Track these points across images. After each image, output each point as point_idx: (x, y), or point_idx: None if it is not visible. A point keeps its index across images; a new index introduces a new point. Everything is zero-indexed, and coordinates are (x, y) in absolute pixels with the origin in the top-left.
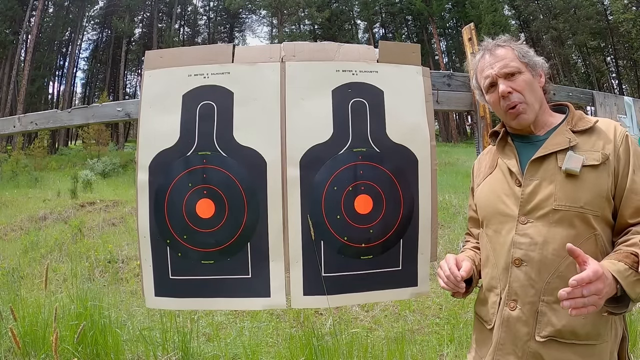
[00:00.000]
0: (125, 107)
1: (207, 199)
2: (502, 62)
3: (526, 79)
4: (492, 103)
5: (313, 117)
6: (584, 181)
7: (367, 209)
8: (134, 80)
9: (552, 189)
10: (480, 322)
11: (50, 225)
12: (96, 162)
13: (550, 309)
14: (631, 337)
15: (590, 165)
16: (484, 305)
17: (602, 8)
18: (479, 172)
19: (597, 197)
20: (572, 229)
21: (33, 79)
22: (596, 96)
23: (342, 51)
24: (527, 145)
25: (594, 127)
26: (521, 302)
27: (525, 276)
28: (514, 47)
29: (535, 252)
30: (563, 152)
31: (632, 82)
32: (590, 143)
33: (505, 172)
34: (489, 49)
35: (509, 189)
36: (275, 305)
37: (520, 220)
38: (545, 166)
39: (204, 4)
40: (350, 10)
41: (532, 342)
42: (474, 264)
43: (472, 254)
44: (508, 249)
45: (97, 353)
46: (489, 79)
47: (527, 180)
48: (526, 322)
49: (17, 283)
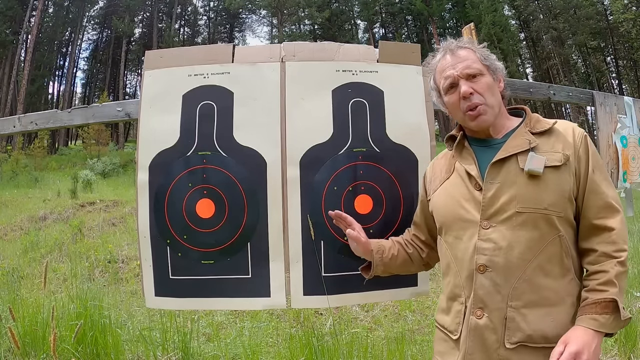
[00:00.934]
0: (125, 107)
1: (207, 199)
2: (465, 62)
3: (487, 82)
4: (452, 104)
5: (313, 117)
6: (546, 182)
7: (367, 209)
8: (134, 80)
9: (515, 191)
10: (443, 332)
11: (50, 225)
12: (96, 162)
13: (518, 315)
14: (631, 337)
15: (552, 166)
16: (447, 315)
17: (602, 8)
18: (434, 177)
19: (560, 197)
20: (537, 231)
21: (33, 79)
22: (596, 96)
23: (342, 51)
24: (485, 149)
25: (552, 128)
26: (488, 309)
27: (490, 282)
28: (476, 49)
29: (500, 257)
30: (524, 153)
31: (632, 82)
32: (550, 144)
33: (463, 177)
34: (450, 49)
35: (469, 194)
36: (275, 305)
37: (482, 225)
38: (506, 169)
39: (204, 4)
40: (350, 10)
41: (502, 350)
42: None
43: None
44: (471, 255)
45: (97, 353)
46: (449, 79)
47: (488, 184)
48: (494, 329)
49: (17, 283)
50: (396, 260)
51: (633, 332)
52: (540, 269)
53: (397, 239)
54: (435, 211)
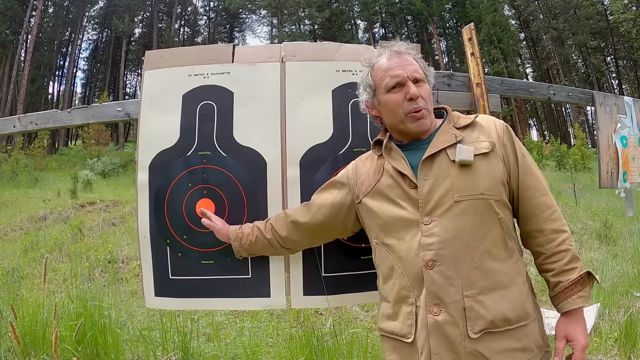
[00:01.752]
0: (125, 107)
1: (207, 199)
2: (413, 67)
3: (428, 90)
4: (393, 103)
5: (313, 117)
6: (478, 169)
7: None
8: (134, 80)
9: (449, 183)
10: (393, 339)
11: (50, 225)
12: (96, 162)
13: (476, 303)
14: (631, 337)
15: (481, 153)
16: (394, 320)
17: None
18: (359, 180)
19: (494, 182)
20: (477, 217)
21: (33, 78)
22: (596, 96)
23: (342, 51)
24: (412, 151)
25: (474, 122)
26: (444, 304)
27: (441, 276)
28: (417, 59)
29: (447, 249)
30: (452, 147)
31: (632, 82)
32: (474, 136)
33: (395, 177)
34: (398, 51)
35: (404, 193)
36: (275, 305)
37: (423, 222)
38: (437, 163)
39: (204, 4)
40: (350, 10)
41: (467, 341)
42: (238, 240)
43: (248, 231)
44: (416, 253)
45: (97, 353)
46: (397, 78)
47: (422, 181)
48: (455, 322)
49: (17, 283)
50: (256, 245)
51: (633, 332)
52: (487, 253)
53: (259, 223)
54: (371, 215)
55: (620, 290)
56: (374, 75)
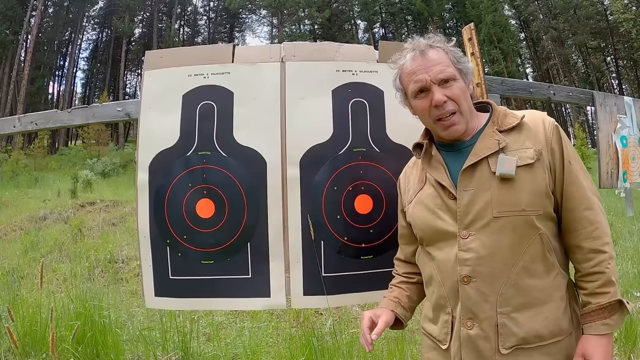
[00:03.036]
0: (125, 107)
1: (207, 199)
2: (438, 66)
3: (461, 87)
4: (420, 110)
5: (313, 117)
6: (521, 182)
7: (367, 209)
8: (134, 80)
9: (489, 196)
10: (431, 340)
11: (50, 225)
12: (96, 162)
13: (509, 320)
14: (631, 337)
15: (525, 165)
16: (434, 324)
17: (602, 8)
18: (407, 187)
19: (536, 196)
20: (516, 234)
21: (33, 78)
22: (596, 96)
23: (342, 51)
24: (454, 154)
25: (521, 123)
26: (478, 319)
27: (476, 292)
28: (448, 50)
29: (483, 266)
30: (494, 155)
31: (632, 82)
32: (520, 141)
33: (436, 186)
34: (420, 49)
35: (443, 204)
36: (275, 305)
37: (461, 235)
38: (478, 174)
39: (204, 4)
40: (350, 10)
41: (498, 356)
42: (400, 306)
43: (397, 293)
44: (453, 266)
45: (97, 353)
46: (419, 83)
47: (462, 192)
48: (487, 338)
49: (17, 283)
50: (413, 298)
51: (633, 332)
52: (524, 270)
53: (396, 281)
54: (413, 223)
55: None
56: (402, 79)
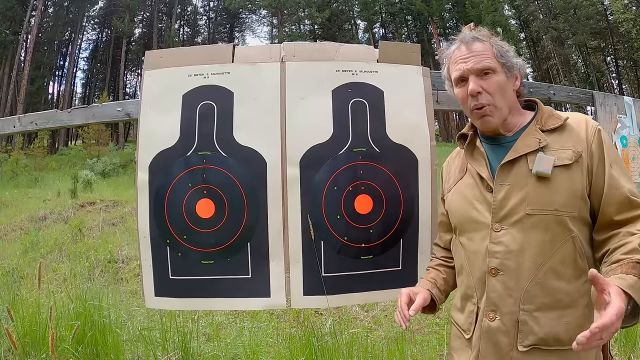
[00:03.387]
0: (125, 107)
1: (207, 199)
2: (478, 57)
3: (499, 81)
4: (460, 98)
5: (313, 117)
6: (556, 183)
7: (367, 209)
8: (134, 80)
9: (524, 193)
10: (457, 329)
11: (50, 225)
12: (96, 162)
13: (531, 318)
14: (631, 337)
15: (562, 165)
16: (461, 313)
17: (602, 8)
18: (449, 176)
19: (571, 197)
20: (548, 233)
21: (33, 78)
22: (596, 96)
23: (342, 51)
24: (496, 147)
25: (564, 124)
26: (500, 312)
27: (502, 286)
28: (493, 43)
29: (512, 261)
30: (533, 153)
31: (632, 82)
32: (561, 142)
33: (475, 177)
34: (466, 40)
35: (480, 195)
36: (275, 305)
37: (494, 228)
38: (515, 170)
39: (204, 4)
40: (350, 10)
41: (515, 352)
42: (435, 287)
43: (434, 274)
44: (483, 257)
45: (97, 353)
46: (459, 72)
47: (498, 186)
48: (507, 332)
49: (17, 283)
50: (449, 282)
51: (633, 332)
52: (552, 271)
53: (434, 264)
54: (450, 211)
55: None
56: (449, 68)
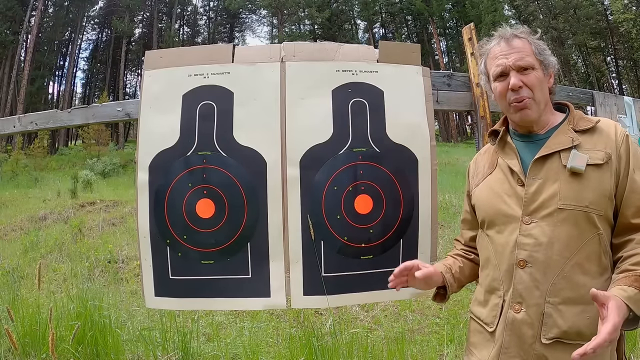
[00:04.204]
0: (125, 107)
1: (207, 199)
2: (519, 54)
3: (538, 77)
4: (498, 93)
5: (313, 117)
6: (588, 180)
7: (367, 209)
8: (134, 80)
9: (557, 187)
10: (479, 324)
11: (50, 225)
12: (96, 162)
13: (555, 311)
14: (631, 337)
15: (594, 164)
16: (484, 307)
17: (602, 8)
18: (477, 172)
19: (601, 196)
20: (577, 228)
21: (33, 78)
22: (596, 96)
23: (342, 51)
24: (527, 144)
25: (595, 127)
26: (526, 304)
27: (530, 278)
28: (532, 41)
29: (540, 253)
30: (566, 150)
31: (632, 82)
32: (592, 143)
33: (506, 172)
34: (506, 37)
35: (511, 189)
36: (275, 305)
37: (524, 221)
38: (548, 165)
39: (204, 4)
40: (350, 10)
41: (538, 345)
42: (450, 273)
43: (451, 261)
44: (511, 250)
45: (97, 353)
46: (500, 67)
47: (531, 180)
48: (531, 324)
49: (17, 283)
50: (464, 272)
51: (633, 332)
52: (579, 266)
53: (453, 253)
54: (478, 205)
55: None
56: (487, 63)
